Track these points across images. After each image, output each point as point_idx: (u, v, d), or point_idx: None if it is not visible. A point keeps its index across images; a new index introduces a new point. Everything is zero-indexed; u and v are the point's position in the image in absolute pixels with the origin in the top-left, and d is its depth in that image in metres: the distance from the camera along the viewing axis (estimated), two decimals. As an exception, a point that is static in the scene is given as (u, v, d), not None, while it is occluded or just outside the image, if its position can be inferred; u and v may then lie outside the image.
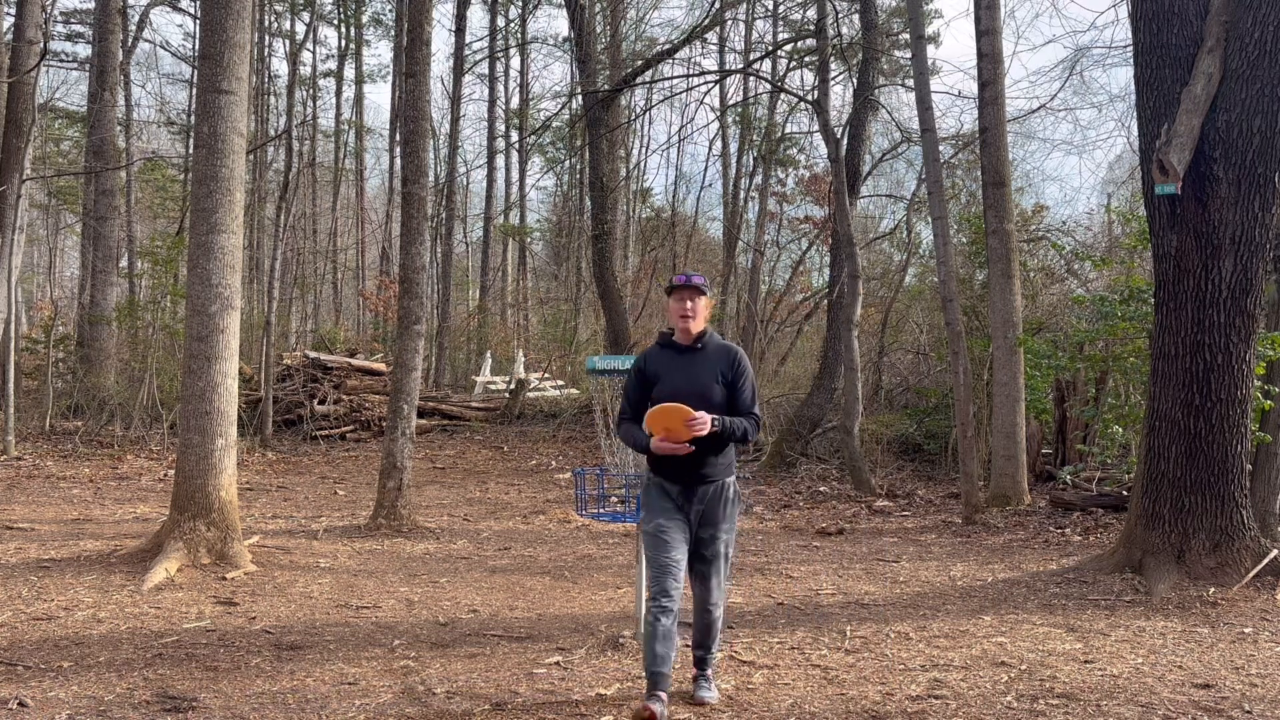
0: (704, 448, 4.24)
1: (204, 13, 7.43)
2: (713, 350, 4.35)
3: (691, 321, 4.30)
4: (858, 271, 13.06)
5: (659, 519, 4.27)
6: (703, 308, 4.34)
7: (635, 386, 4.40)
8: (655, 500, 4.33)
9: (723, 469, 4.32)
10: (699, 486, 4.28)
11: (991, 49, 11.02)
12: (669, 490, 4.30)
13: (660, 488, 4.33)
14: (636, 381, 4.40)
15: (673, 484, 4.29)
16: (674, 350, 4.36)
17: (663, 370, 4.31)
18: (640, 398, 4.35)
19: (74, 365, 17.94)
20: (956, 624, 5.85)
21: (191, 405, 7.14)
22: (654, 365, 4.36)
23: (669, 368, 4.30)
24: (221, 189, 7.19)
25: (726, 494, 4.33)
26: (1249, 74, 6.55)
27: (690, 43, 17.23)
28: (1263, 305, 6.93)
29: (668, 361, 4.34)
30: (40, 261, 38.89)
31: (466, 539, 8.83)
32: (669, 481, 4.30)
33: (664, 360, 4.35)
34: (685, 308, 4.30)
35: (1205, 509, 6.67)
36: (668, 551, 4.19)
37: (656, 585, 4.16)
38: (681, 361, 4.32)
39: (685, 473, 4.28)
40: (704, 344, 4.35)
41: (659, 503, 4.32)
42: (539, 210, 36.85)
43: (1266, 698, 4.53)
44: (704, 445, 4.22)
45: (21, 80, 13.91)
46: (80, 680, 4.54)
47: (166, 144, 31.60)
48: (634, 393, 4.39)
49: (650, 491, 4.37)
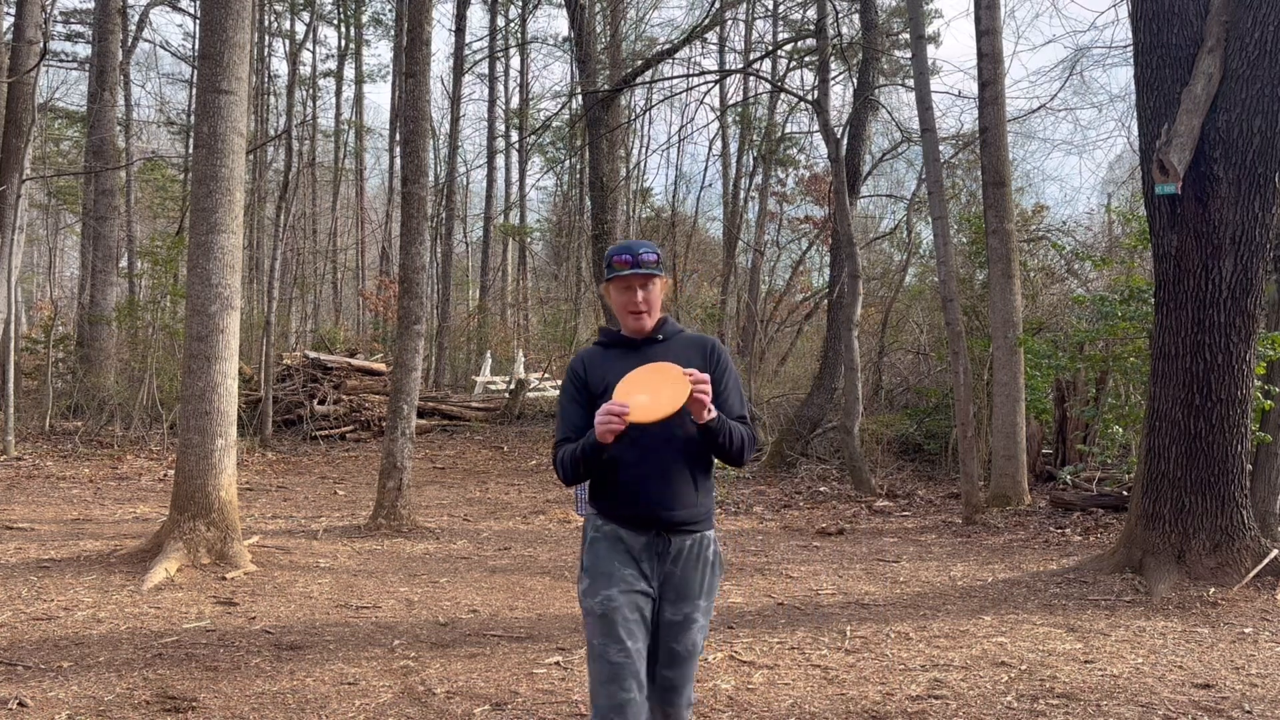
0: (688, 463, 2.96)
1: (204, 12, 7.43)
2: (679, 344, 3.08)
3: (646, 318, 3.05)
4: (858, 271, 13.06)
5: (609, 589, 2.89)
6: (658, 294, 3.07)
7: (572, 402, 3.05)
8: (606, 559, 2.94)
9: (705, 513, 3.01)
10: (674, 537, 2.95)
11: (991, 49, 11.02)
12: (628, 543, 2.95)
13: (614, 540, 2.96)
14: (574, 394, 3.05)
15: (635, 532, 2.94)
16: (623, 348, 3.09)
17: (612, 376, 2.97)
18: (582, 418, 3.00)
19: (74, 365, 17.93)
20: (956, 624, 5.85)
21: (191, 405, 7.14)
22: (598, 371, 3.05)
23: (620, 372, 2.96)
24: (221, 189, 7.19)
25: (707, 554, 3.01)
26: (1249, 74, 6.55)
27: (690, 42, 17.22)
28: (1263, 305, 6.92)
29: (616, 364, 3.02)
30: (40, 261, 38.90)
31: (466, 539, 8.83)
32: (629, 529, 2.95)
33: (610, 363, 3.05)
34: (635, 301, 3.02)
35: (1205, 509, 6.67)
36: (624, 642, 2.84)
37: (607, 698, 2.80)
38: (637, 361, 2.99)
39: (655, 512, 2.93)
40: (665, 334, 3.10)
41: (611, 563, 2.93)
42: (539, 210, 36.89)
43: (1267, 698, 4.53)
44: (689, 458, 2.97)
45: (21, 80, 13.90)
46: (80, 680, 4.54)
47: (166, 144, 31.61)
48: (572, 412, 3.03)
49: (598, 546, 2.98)
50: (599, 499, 3.04)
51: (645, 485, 2.94)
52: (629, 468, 2.95)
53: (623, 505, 2.97)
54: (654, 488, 2.94)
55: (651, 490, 2.94)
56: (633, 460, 2.94)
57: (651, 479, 2.94)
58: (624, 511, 2.97)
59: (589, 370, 3.08)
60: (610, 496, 3.00)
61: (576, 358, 3.17)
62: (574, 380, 3.09)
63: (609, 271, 3.05)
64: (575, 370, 3.11)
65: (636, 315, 3.06)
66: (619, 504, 2.97)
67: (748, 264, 24.30)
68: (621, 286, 3.05)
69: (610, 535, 2.98)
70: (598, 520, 3.03)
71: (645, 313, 3.05)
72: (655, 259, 3.04)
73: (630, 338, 3.11)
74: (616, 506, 2.98)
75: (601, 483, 3.02)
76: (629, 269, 3.01)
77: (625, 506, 2.96)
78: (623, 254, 3.03)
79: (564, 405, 3.10)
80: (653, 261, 3.03)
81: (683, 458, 2.98)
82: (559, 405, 3.12)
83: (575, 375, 3.10)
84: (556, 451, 3.01)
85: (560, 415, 3.10)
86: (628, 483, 2.95)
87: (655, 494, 2.94)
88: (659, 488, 2.94)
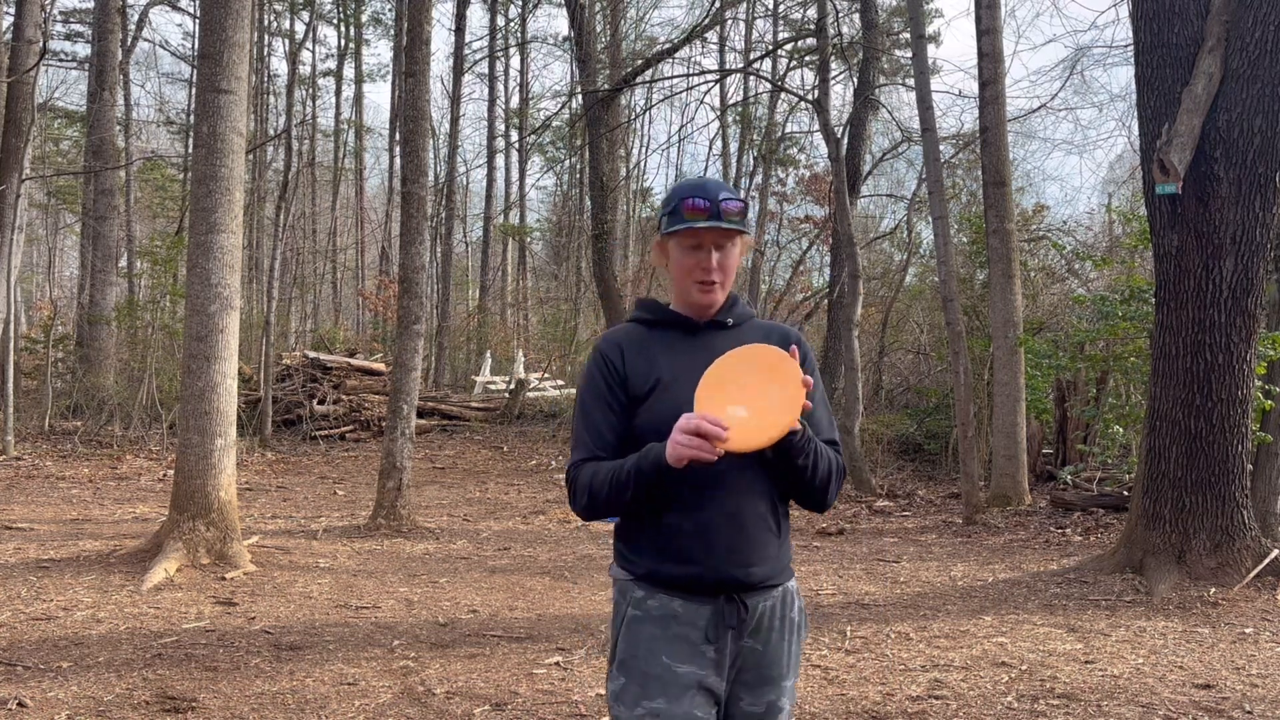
0: (767, 496, 2.12)
1: (203, 12, 7.42)
2: (751, 333, 2.21)
3: (718, 291, 2.16)
4: (858, 271, 13.05)
5: (658, 700, 2.03)
6: (737, 260, 2.19)
7: (601, 404, 2.15)
8: (652, 651, 2.06)
9: (787, 561, 2.18)
10: (749, 600, 2.10)
11: (992, 48, 11.01)
12: (686, 620, 2.07)
13: (664, 619, 2.07)
14: (605, 393, 2.15)
15: (696, 602, 2.07)
16: (676, 330, 2.20)
17: (664, 369, 2.12)
18: (615, 428, 2.13)
19: (73, 365, 17.93)
20: (957, 624, 5.85)
21: (191, 405, 7.13)
22: (643, 360, 2.15)
23: (674, 363, 2.13)
24: (221, 188, 7.18)
25: (791, 614, 2.18)
26: (1250, 73, 6.54)
27: (690, 42, 17.22)
28: (1263, 305, 6.92)
29: (668, 354, 2.15)
30: (39, 261, 38.89)
31: (466, 539, 8.82)
32: (687, 598, 2.07)
33: (659, 351, 2.16)
34: (708, 266, 2.13)
35: (1206, 509, 6.67)
36: None
37: None
38: (697, 351, 2.13)
39: (727, 571, 2.07)
40: (735, 318, 2.22)
41: (659, 658, 2.05)
42: (539, 210, 36.89)
43: (1267, 698, 4.52)
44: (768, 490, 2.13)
45: (21, 80, 13.89)
46: (79, 680, 4.53)
47: (166, 143, 31.61)
48: (600, 419, 2.14)
49: (639, 631, 2.08)
50: (635, 555, 2.12)
51: (711, 534, 2.05)
52: (685, 510, 2.06)
53: (677, 563, 2.06)
54: (724, 536, 2.06)
55: (720, 540, 2.06)
56: (690, 498, 2.05)
57: (720, 524, 2.06)
58: (680, 573, 2.06)
59: (629, 359, 2.15)
60: (655, 552, 2.08)
61: (608, 340, 2.20)
62: (606, 372, 2.15)
63: (672, 221, 2.13)
64: (608, 358, 2.16)
65: (707, 287, 2.14)
66: (671, 562, 2.06)
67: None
68: (689, 244, 2.13)
69: (658, 613, 2.07)
70: (636, 590, 2.10)
71: (719, 284, 2.15)
72: (741, 209, 2.14)
73: (685, 316, 2.20)
74: (667, 566, 2.07)
75: (638, 530, 2.11)
76: (706, 219, 2.10)
77: (682, 565, 2.06)
78: (697, 196, 2.11)
79: (587, 408, 2.16)
80: (737, 212, 2.13)
81: (761, 490, 2.11)
82: (578, 408, 2.18)
83: (608, 365, 2.16)
84: (574, 475, 2.12)
85: (580, 423, 2.16)
86: (684, 531, 2.06)
87: (726, 545, 2.06)
88: (731, 536, 2.06)
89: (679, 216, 2.13)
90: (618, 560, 2.18)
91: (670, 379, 2.11)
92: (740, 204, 2.15)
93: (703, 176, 2.15)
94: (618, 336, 2.21)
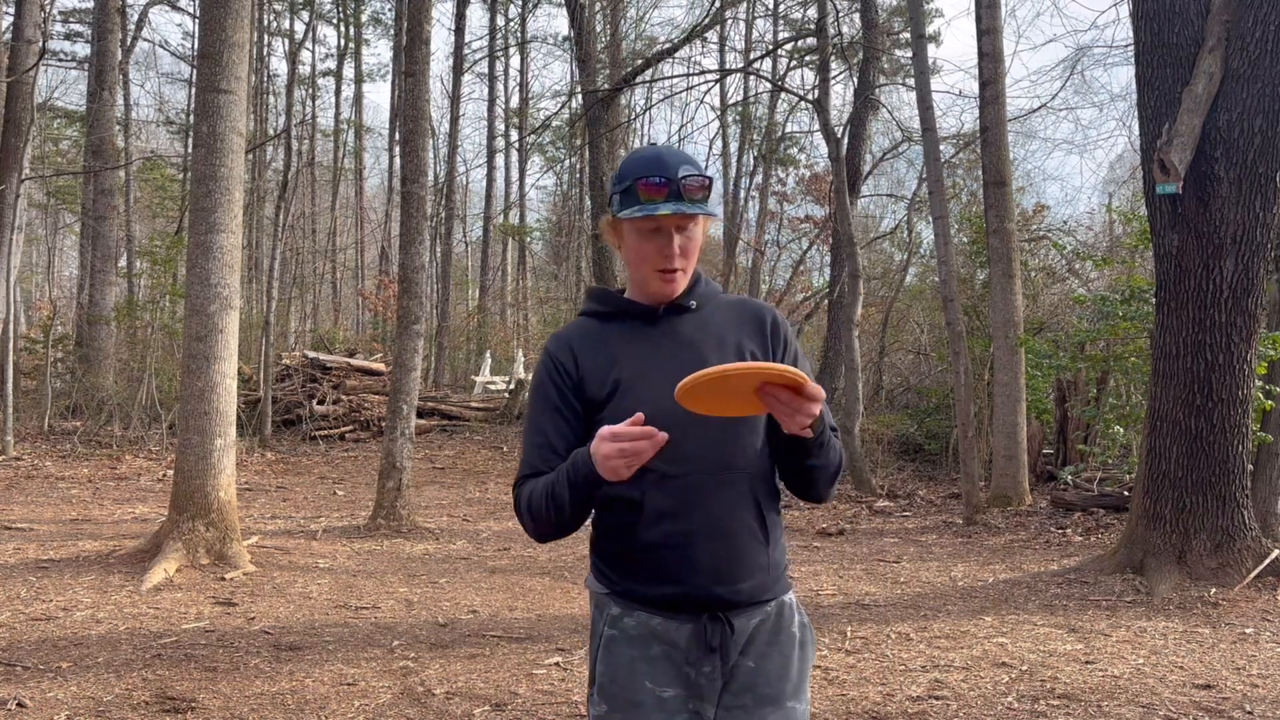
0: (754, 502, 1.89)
1: (203, 12, 7.41)
2: (719, 312, 1.97)
3: (680, 278, 1.91)
4: (858, 271, 13.05)
5: None
6: (699, 240, 1.93)
7: (552, 412, 1.90)
8: (632, 676, 1.87)
9: (779, 571, 1.95)
10: (737, 619, 1.89)
11: (992, 48, 11.01)
12: (667, 640, 1.87)
13: (643, 640, 1.88)
14: (557, 399, 1.90)
15: (676, 620, 1.87)
16: (634, 321, 1.94)
17: (624, 365, 1.88)
18: (567, 438, 1.89)
19: (73, 365, 17.93)
20: (957, 624, 5.84)
21: (190, 405, 7.12)
22: (599, 360, 1.91)
23: (635, 358, 1.89)
24: (220, 188, 7.17)
25: (790, 628, 1.95)
26: (1250, 73, 6.54)
27: (690, 42, 17.21)
28: (1264, 305, 6.92)
29: (627, 348, 1.91)
30: (39, 261, 38.88)
31: (466, 539, 8.81)
32: (667, 616, 1.87)
33: (616, 346, 1.91)
34: (669, 252, 1.87)
35: (1206, 509, 6.66)
36: None
37: None
38: (659, 342, 1.92)
39: (709, 589, 1.85)
40: (698, 299, 1.96)
41: (640, 682, 1.86)
42: (539, 210, 36.88)
43: (1268, 698, 4.51)
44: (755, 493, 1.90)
45: (20, 79, 13.89)
46: (79, 681, 4.53)
47: (165, 143, 31.59)
48: (550, 427, 1.90)
49: (617, 652, 1.89)
50: (610, 569, 1.92)
51: (691, 548, 1.84)
52: (663, 519, 1.84)
53: (654, 582, 1.86)
54: (706, 549, 1.84)
55: (702, 554, 1.84)
56: (667, 507, 1.84)
57: (701, 536, 1.84)
58: (657, 592, 1.86)
59: (582, 360, 1.90)
60: (631, 568, 1.88)
61: (557, 340, 1.95)
62: (557, 377, 1.90)
63: (625, 202, 1.86)
64: (558, 361, 1.91)
65: (667, 276, 1.89)
66: (648, 580, 1.87)
67: (748, 264, 24.30)
68: (647, 228, 1.86)
69: (636, 633, 1.88)
70: (613, 607, 1.91)
71: (681, 270, 1.89)
72: (704, 185, 1.86)
73: (643, 304, 1.94)
74: (643, 584, 1.87)
75: (615, 544, 1.90)
76: (665, 200, 1.82)
77: (659, 584, 1.86)
78: (654, 172, 1.83)
79: (535, 419, 1.91)
80: (699, 190, 1.85)
81: (747, 494, 1.87)
82: (526, 419, 1.94)
83: (559, 369, 1.91)
84: (516, 495, 1.89)
85: (527, 436, 1.90)
86: (662, 545, 1.84)
87: (708, 560, 1.84)
88: (713, 549, 1.85)
89: (633, 197, 1.85)
90: (593, 573, 1.97)
91: (632, 377, 1.87)
92: (703, 179, 1.87)
93: (657, 146, 1.88)
94: (568, 335, 1.96)
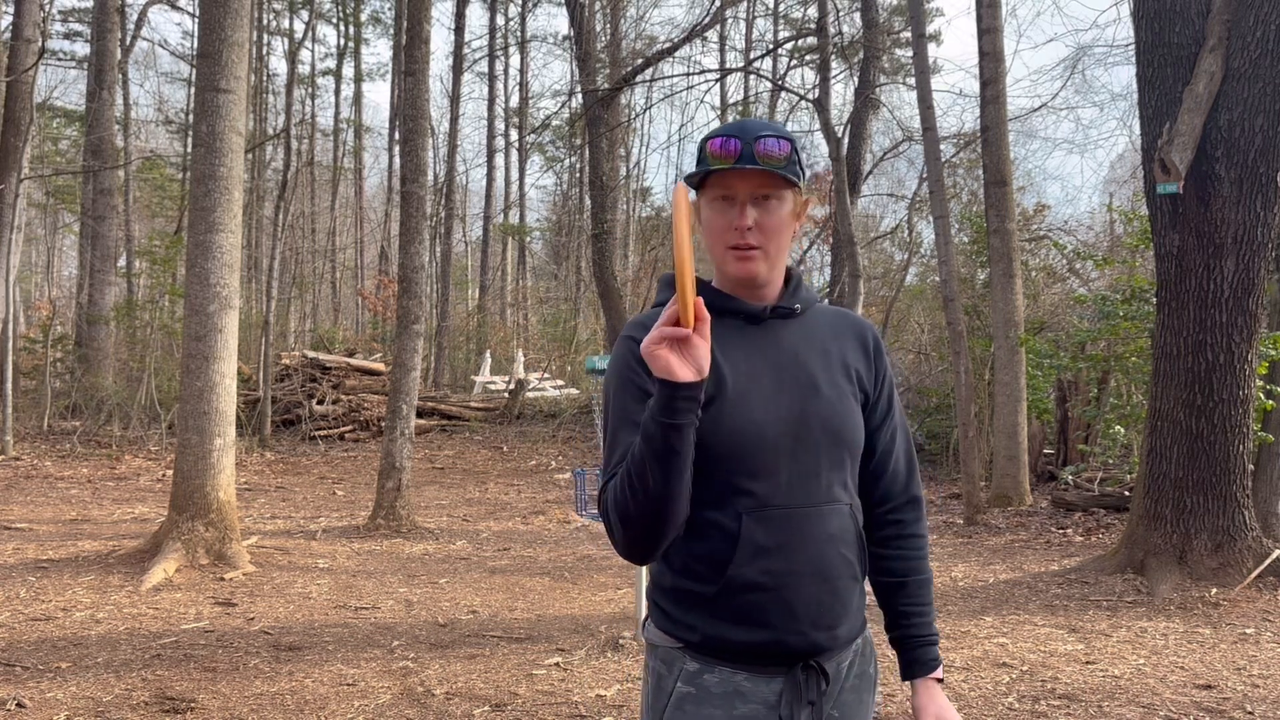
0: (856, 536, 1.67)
1: (202, 11, 7.40)
2: (823, 322, 1.73)
3: (758, 259, 1.63)
4: (859, 271, 13.04)
5: None
6: (786, 220, 1.65)
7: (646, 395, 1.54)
8: None
9: (864, 605, 1.72)
10: (831, 661, 1.65)
11: (993, 47, 11.00)
12: (753, 697, 1.60)
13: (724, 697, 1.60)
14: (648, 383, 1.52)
15: (764, 675, 1.60)
16: (731, 317, 1.66)
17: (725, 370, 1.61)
18: None
19: (72, 365, 17.92)
20: (958, 625, 5.83)
21: (189, 405, 7.11)
22: None
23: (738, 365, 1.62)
24: (220, 188, 7.16)
25: (869, 669, 1.75)
26: (1251, 73, 6.53)
27: (690, 41, 17.20)
28: (1265, 305, 6.91)
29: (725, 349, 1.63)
30: (38, 261, 38.87)
31: (466, 539, 8.81)
32: (753, 669, 1.60)
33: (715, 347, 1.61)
34: (740, 225, 1.61)
35: (1207, 509, 6.65)
36: None
37: None
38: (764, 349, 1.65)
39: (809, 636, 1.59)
40: (802, 302, 1.71)
41: None
42: (538, 209, 36.90)
43: (1268, 698, 4.51)
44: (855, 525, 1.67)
45: (19, 79, 13.88)
46: (78, 681, 4.52)
47: (165, 143, 31.58)
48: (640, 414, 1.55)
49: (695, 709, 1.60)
50: (688, 615, 1.61)
51: (791, 589, 1.57)
52: (761, 555, 1.57)
53: (747, 627, 1.57)
54: (809, 591, 1.58)
55: (803, 596, 1.58)
56: (767, 540, 1.57)
57: (805, 576, 1.58)
58: (749, 639, 1.58)
59: None
60: (717, 612, 1.58)
61: (645, 328, 1.58)
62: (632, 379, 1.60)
63: (696, 169, 1.63)
64: (632, 366, 1.61)
65: (742, 253, 1.61)
66: (738, 625, 1.57)
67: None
68: (717, 195, 1.62)
69: (719, 690, 1.59)
70: (688, 663, 1.61)
71: (758, 248, 1.61)
72: (785, 152, 1.59)
73: (737, 299, 1.67)
74: (732, 629, 1.58)
75: (698, 583, 1.59)
76: (734, 160, 1.57)
77: (752, 629, 1.57)
78: (729, 135, 1.59)
79: (625, 404, 1.59)
80: (780, 156, 1.58)
81: (850, 528, 1.64)
82: (607, 412, 1.63)
83: (634, 371, 1.60)
84: (604, 501, 1.57)
85: (615, 426, 1.59)
86: (757, 585, 1.56)
87: (810, 603, 1.58)
88: (816, 590, 1.59)
89: (702, 160, 1.61)
90: (659, 622, 1.65)
91: (737, 389, 1.58)
92: (785, 144, 1.58)
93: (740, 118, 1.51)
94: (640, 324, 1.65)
